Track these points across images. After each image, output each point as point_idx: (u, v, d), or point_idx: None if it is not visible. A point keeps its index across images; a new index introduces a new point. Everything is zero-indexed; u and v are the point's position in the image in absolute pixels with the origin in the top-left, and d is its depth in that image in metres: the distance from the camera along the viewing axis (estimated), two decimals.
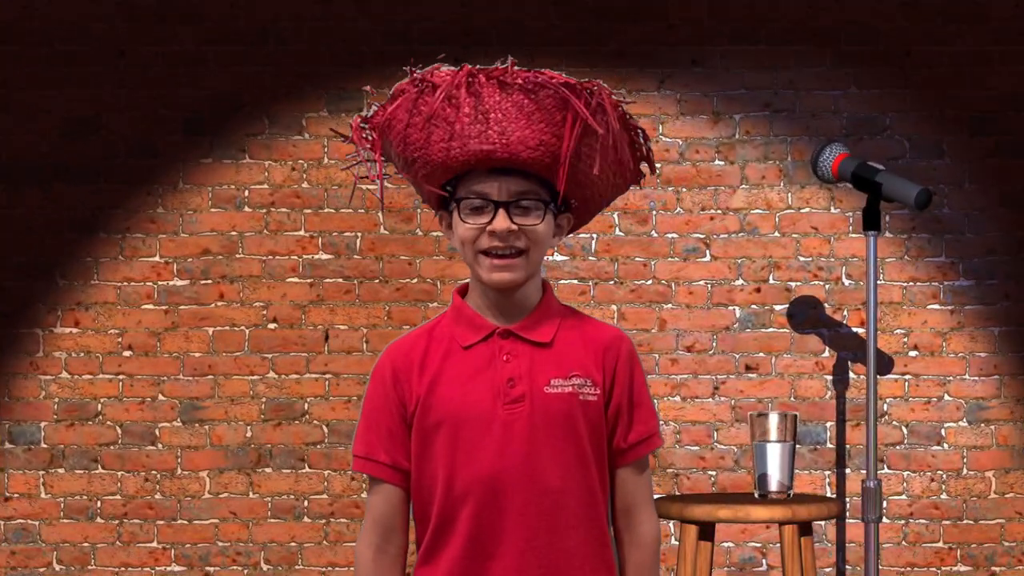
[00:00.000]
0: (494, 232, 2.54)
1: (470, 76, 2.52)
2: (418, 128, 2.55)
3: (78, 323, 4.90)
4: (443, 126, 2.53)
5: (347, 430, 4.88)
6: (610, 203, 2.74)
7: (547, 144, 2.52)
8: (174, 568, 4.88)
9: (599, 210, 2.73)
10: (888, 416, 4.89)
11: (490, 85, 2.52)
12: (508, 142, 2.51)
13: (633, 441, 2.64)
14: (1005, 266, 4.90)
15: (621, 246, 4.92)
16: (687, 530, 4.30)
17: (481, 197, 2.55)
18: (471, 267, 2.59)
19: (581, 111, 2.51)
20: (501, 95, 2.51)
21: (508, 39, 4.93)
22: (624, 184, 2.70)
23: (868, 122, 4.92)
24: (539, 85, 2.51)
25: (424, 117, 2.53)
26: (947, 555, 4.87)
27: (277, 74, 4.93)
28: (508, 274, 2.56)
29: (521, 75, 2.52)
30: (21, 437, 4.89)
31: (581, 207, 2.68)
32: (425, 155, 2.56)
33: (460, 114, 2.51)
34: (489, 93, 2.51)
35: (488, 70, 2.53)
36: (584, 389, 2.59)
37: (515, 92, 2.51)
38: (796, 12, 4.93)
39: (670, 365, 4.90)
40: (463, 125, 2.51)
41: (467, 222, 2.56)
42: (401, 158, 2.60)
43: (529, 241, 2.56)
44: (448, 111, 2.52)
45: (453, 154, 2.53)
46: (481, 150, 2.51)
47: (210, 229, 4.91)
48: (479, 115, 2.51)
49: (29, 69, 4.92)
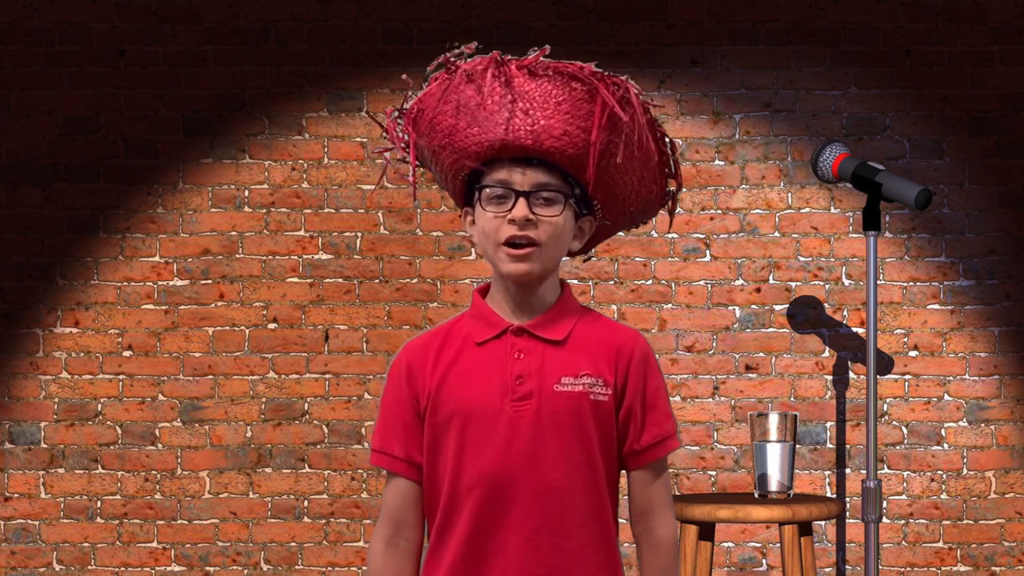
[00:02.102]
0: (513, 221, 2.54)
1: (500, 63, 2.52)
2: (447, 115, 2.55)
3: (78, 323, 4.90)
4: (470, 112, 2.53)
5: (347, 430, 4.89)
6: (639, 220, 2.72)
7: (571, 134, 2.52)
8: (174, 568, 4.88)
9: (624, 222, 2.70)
10: (888, 416, 4.89)
11: (520, 73, 2.52)
12: (533, 130, 2.51)
13: (647, 443, 2.62)
14: (1005, 266, 4.90)
15: (621, 246, 4.92)
16: (687, 530, 4.30)
17: (503, 186, 2.55)
18: (492, 262, 2.58)
19: (607, 97, 2.51)
20: (531, 83, 2.52)
21: (508, 39, 4.93)
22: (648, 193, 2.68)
23: (868, 122, 4.92)
24: (569, 75, 2.52)
25: (454, 104, 2.54)
26: (947, 555, 4.87)
27: (277, 74, 4.93)
28: (525, 265, 2.55)
29: (551, 64, 2.52)
30: (21, 437, 4.89)
31: (604, 211, 2.67)
32: (451, 142, 2.56)
33: (488, 101, 2.52)
34: (519, 81, 2.52)
35: (519, 59, 2.53)
36: (595, 389, 2.58)
37: (543, 81, 2.52)
38: (796, 12, 4.94)
39: (670, 365, 4.90)
40: (490, 112, 2.52)
41: (488, 211, 2.56)
42: (429, 148, 2.61)
43: (547, 234, 2.55)
44: (476, 97, 2.52)
45: (478, 139, 2.53)
46: (505, 137, 2.52)
47: (210, 229, 4.91)
48: (506, 102, 2.51)
49: (29, 69, 4.92)
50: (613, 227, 2.71)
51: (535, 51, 2.55)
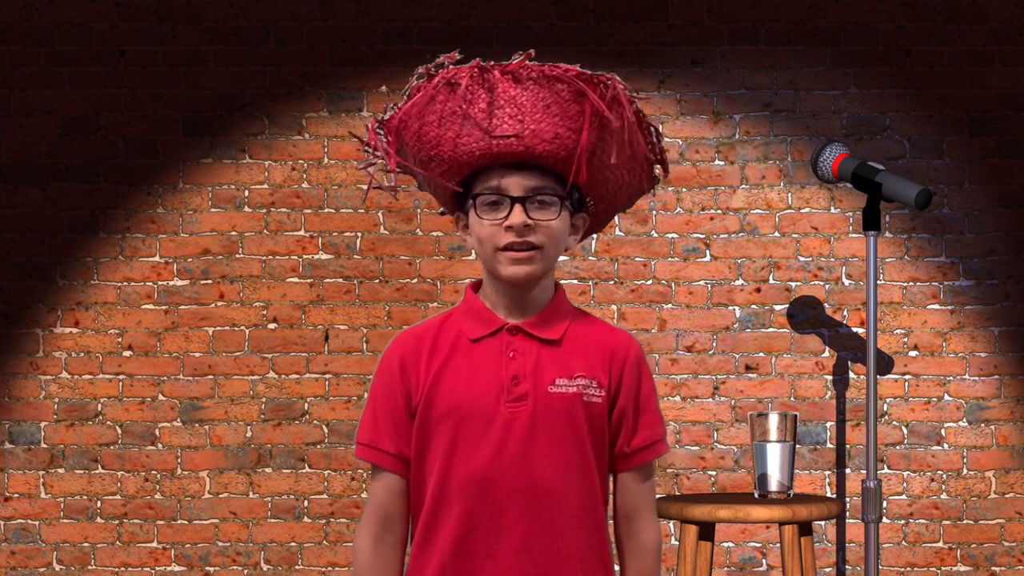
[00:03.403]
0: (511, 227, 2.53)
1: (483, 70, 2.51)
2: (433, 125, 2.54)
3: (78, 323, 4.90)
4: (457, 121, 2.52)
5: (347, 430, 4.88)
6: (625, 207, 2.73)
7: (562, 137, 2.51)
8: (174, 568, 4.88)
9: (614, 213, 2.71)
10: (888, 416, 4.89)
11: (504, 79, 2.51)
12: (523, 136, 2.50)
13: (637, 446, 2.62)
14: (1005, 266, 4.90)
15: (621, 246, 4.92)
16: (687, 530, 4.30)
17: (497, 193, 2.54)
18: (488, 265, 2.58)
19: (597, 102, 2.50)
20: (515, 89, 2.51)
21: (508, 39, 4.93)
22: (638, 184, 2.68)
23: (868, 122, 4.92)
24: (554, 78, 2.50)
25: (438, 114, 2.53)
26: (947, 555, 4.87)
27: (277, 74, 4.93)
28: (526, 267, 2.55)
29: (535, 68, 2.51)
30: (21, 437, 4.89)
31: (596, 207, 2.67)
32: (440, 152, 2.55)
33: (474, 109, 2.51)
34: (503, 87, 2.50)
35: (502, 64, 2.52)
36: (589, 390, 2.58)
37: (530, 85, 2.50)
38: (796, 12, 4.93)
39: (670, 365, 4.90)
40: (477, 120, 2.50)
41: (484, 219, 2.55)
42: (418, 158, 2.60)
43: (545, 237, 2.55)
44: (462, 106, 2.51)
45: (468, 149, 2.52)
46: (496, 144, 2.51)
47: (210, 229, 4.91)
48: (493, 109, 2.50)
49: (29, 69, 4.92)
50: (605, 217, 2.72)
51: (519, 56, 2.54)
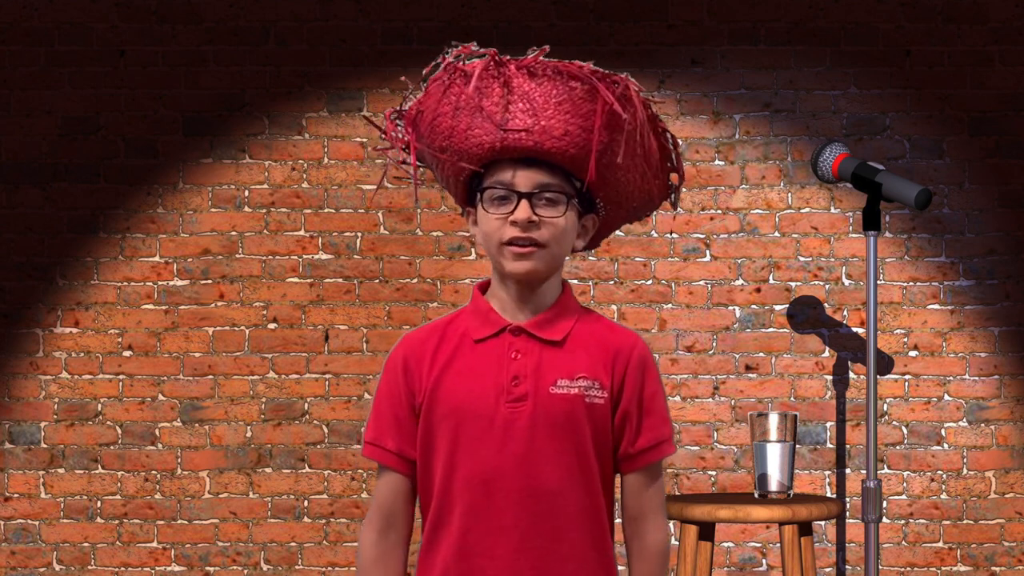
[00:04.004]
0: (515, 222, 2.53)
1: (499, 64, 2.51)
2: (447, 116, 2.54)
3: (78, 323, 4.90)
4: (470, 114, 2.52)
5: (347, 430, 4.88)
6: (640, 214, 2.72)
7: (572, 134, 2.51)
8: (174, 568, 4.88)
9: (626, 218, 2.70)
10: (888, 416, 4.89)
11: (520, 74, 2.51)
12: (533, 130, 2.50)
13: (641, 447, 2.61)
14: (1005, 266, 4.90)
15: (621, 246, 4.92)
16: (687, 530, 4.30)
17: (504, 187, 2.54)
18: (494, 261, 2.57)
19: (608, 96, 2.50)
20: (530, 84, 2.51)
21: (508, 39, 4.93)
22: (650, 189, 2.67)
23: (868, 122, 4.92)
24: (569, 75, 2.50)
25: (452, 105, 2.53)
26: (947, 555, 4.87)
27: (277, 74, 4.93)
28: (529, 263, 2.54)
29: (551, 64, 2.51)
30: (21, 437, 4.89)
31: (606, 209, 2.66)
32: (451, 143, 2.55)
33: (488, 102, 2.51)
34: (518, 82, 2.50)
35: (518, 59, 2.52)
36: (591, 391, 2.57)
37: (544, 81, 2.50)
38: (796, 12, 4.94)
39: (670, 365, 4.90)
40: (489, 113, 2.51)
41: (490, 212, 2.55)
42: (430, 150, 2.60)
43: (549, 235, 2.54)
44: (475, 98, 2.51)
45: (478, 141, 2.52)
46: (506, 138, 2.51)
47: (210, 229, 4.91)
48: (507, 103, 2.50)
49: (29, 69, 4.92)
50: (616, 222, 2.71)
51: (534, 51, 2.54)
